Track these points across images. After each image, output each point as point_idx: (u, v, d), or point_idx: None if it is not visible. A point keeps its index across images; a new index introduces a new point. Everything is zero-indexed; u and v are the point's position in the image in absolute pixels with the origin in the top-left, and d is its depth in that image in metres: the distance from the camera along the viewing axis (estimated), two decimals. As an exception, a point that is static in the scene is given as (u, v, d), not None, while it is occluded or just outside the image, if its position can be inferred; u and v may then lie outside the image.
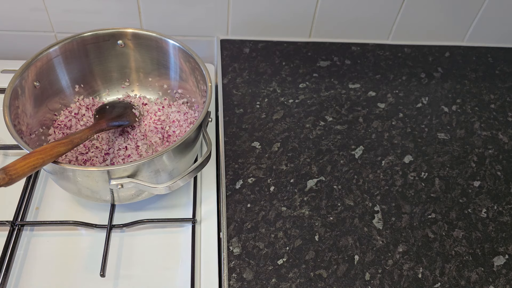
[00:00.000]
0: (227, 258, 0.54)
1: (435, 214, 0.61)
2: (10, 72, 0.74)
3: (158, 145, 0.61)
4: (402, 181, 0.64)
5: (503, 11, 0.83)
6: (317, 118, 0.71)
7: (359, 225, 0.59)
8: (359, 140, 0.69)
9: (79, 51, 0.62)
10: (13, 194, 0.59)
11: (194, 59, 0.59)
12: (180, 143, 0.51)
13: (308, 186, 0.62)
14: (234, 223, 0.57)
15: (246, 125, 0.69)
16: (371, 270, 0.54)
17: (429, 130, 0.71)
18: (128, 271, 0.54)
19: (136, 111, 0.64)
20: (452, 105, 0.76)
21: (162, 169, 0.52)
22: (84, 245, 0.56)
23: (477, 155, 0.69)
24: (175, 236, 0.58)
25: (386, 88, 0.78)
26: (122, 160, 0.59)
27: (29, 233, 0.57)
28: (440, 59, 0.84)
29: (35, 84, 0.58)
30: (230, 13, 0.79)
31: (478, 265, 0.56)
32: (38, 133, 0.59)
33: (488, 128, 0.73)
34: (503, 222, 0.61)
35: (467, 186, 0.64)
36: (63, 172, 0.50)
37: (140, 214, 0.59)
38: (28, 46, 0.80)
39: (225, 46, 0.82)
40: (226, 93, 0.74)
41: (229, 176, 0.62)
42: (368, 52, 0.84)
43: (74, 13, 0.76)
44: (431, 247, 0.57)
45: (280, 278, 0.53)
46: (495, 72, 0.83)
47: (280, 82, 0.77)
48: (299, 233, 0.57)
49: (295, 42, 0.84)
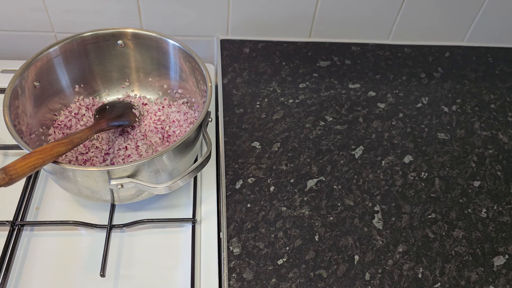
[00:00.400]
0: (227, 258, 0.54)
1: (435, 214, 0.61)
2: (10, 72, 0.74)
3: (158, 145, 0.61)
4: (402, 181, 0.64)
5: (503, 11, 0.83)
6: (317, 118, 0.71)
7: (359, 225, 0.59)
8: (359, 140, 0.69)
9: (79, 51, 0.62)
10: (13, 194, 0.59)
11: (194, 59, 0.59)
12: (180, 143, 0.51)
13: (308, 186, 0.62)
14: (234, 223, 0.57)
15: (246, 125, 0.69)
16: (371, 270, 0.54)
17: (429, 130, 0.71)
18: (128, 271, 0.54)
19: (136, 111, 0.64)
20: (452, 105, 0.76)
21: (162, 169, 0.52)
22: (84, 245, 0.56)
23: (477, 155, 0.69)
24: (175, 236, 0.58)
25: (386, 88, 0.78)
26: (122, 160, 0.59)
27: (29, 233, 0.57)
28: (440, 59, 0.84)
29: (35, 84, 0.58)
30: (230, 13, 0.79)
31: (478, 265, 0.56)
32: (38, 133, 0.59)
33: (488, 128, 0.73)
34: (503, 222, 0.61)
35: (467, 186, 0.64)
36: (63, 172, 0.50)
37: (140, 214, 0.59)
38: (28, 46, 0.80)
39: (225, 46, 0.82)
40: (226, 93, 0.74)
41: (229, 176, 0.62)
42: (368, 52, 0.84)
43: (74, 13, 0.76)
44: (431, 247, 0.57)
45: (280, 278, 0.53)
46: (495, 72, 0.83)
47: (280, 82, 0.77)
48: (299, 233, 0.57)
49: (295, 42, 0.84)
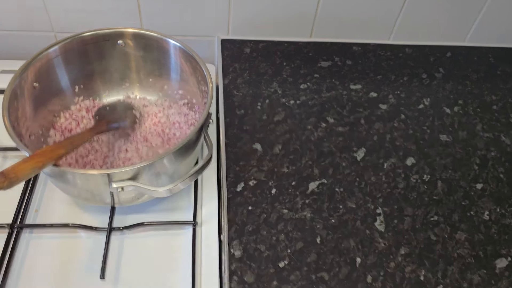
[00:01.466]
0: (228, 260, 0.54)
1: (438, 216, 0.60)
2: (9, 73, 0.73)
3: (159, 147, 0.61)
4: (405, 183, 0.64)
5: (504, 11, 0.82)
6: (319, 119, 0.71)
7: (361, 228, 0.58)
8: (361, 142, 0.68)
9: (79, 51, 0.62)
10: (12, 197, 0.58)
11: (195, 59, 0.59)
12: (181, 146, 0.50)
13: (309, 188, 0.62)
14: (235, 226, 0.57)
15: (247, 127, 0.69)
16: (373, 273, 0.54)
17: (431, 132, 0.71)
18: (128, 274, 0.54)
19: (136, 112, 0.64)
20: (454, 106, 0.76)
21: (163, 172, 0.52)
22: (84, 247, 0.56)
23: (479, 157, 0.68)
24: (176, 239, 0.57)
25: (387, 89, 0.77)
26: (123, 163, 0.58)
27: (28, 236, 0.56)
28: (441, 59, 0.84)
29: (35, 85, 0.58)
30: (231, 13, 0.78)
31: (480, 267, 0.56)
32: (38, 135, 0.59)
33: (490, 129, 0.73)
34: (506, 225, 0.60)
35: (470, 188, 0.64)
36: (63, 175, 0.50)
37: (140, 216, 0.58)
38: (27, 46, 0.79)
39: (226, 46, 0.81)
40: (227, 94, 0.73)
41: (230, 179, 0.62)
42: (369, 52, 0.84)
43: (74, 13, 0.75)
44: (433, 249, 0.57)
45: (282, 281, 0.53)
46: (496, 72, 0.83)
47: (281, 82, 0.76)
48: (300, 235, 0.57)
49: (296, 42, 0.84)
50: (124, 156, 0.59)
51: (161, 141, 0.61)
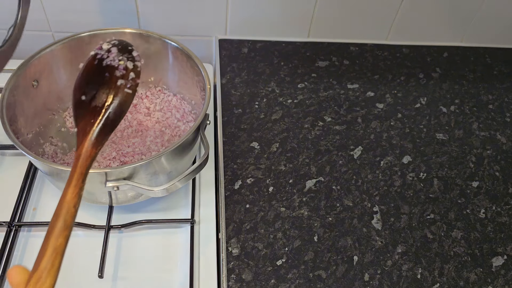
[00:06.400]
0: (226, 259, 0.54)
1: (434, 214, 0.61)
2: (7, 72, 0.73)
3: (156, 146, 0.61)
4: (401, 181, 0.64)
5: (500, 12, 0.83)
6: (316, 118, 0.71)
7: (358, 226, 0.59)
8: (358, 141, 0.69)
9: (77, 51, 0.62)
10: (10, 195, 0.58)
11: (193, 59, 0.59)
12: (178, 145, 0.50)
13: (307, 186, 0.62)
14: (233, 224, 0.57)
15: (244, 125, 0.69)
16: (370, 271, 0.54)
17: (428, 131, 0.71)
18: (126, 272, 0.54)
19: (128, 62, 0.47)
20: (450, 106, 0.76)
21: (160, 171, 0.52)
22: (82, 246, 0.56)
23: (475, 155, 0.69)
24: (174, 237, 0.57)
25: (384, 88, 0.78)
26: (119, 162, 0.58)
27: (26, 234, 0.56)
28: (438, 59, 0.84)
29: (33, 84, 0.58)
30: (229, 13, 0.78)
31: (476, 265, 0.56)
32: (35, 133, 0.59)
33: (486, 128, 0.73)
34: (502, 223, 0.61)
35: (466, 186, 0.65)
36: (60, 173, 0.50)
37: (138, 215, 0.58)
38: (25, 45, 0.79)
39: (224, 46, 0.82)
40: (224, 93, 0.73)
41: (228, 177, 0.62)
42: (367, 52, 0.84)
43: (72, 13, 0.75)
44: (430, 247, 0.57)
45: (279, 279, 0.53)
46: (493, 72, 0.83)
47: (278, 82, 0.77)
48: (298, 233, 0.57)
49: (294, 42, 0.84)
50: (121, 155, 0.59)
51: (158, 140, 0.61)
